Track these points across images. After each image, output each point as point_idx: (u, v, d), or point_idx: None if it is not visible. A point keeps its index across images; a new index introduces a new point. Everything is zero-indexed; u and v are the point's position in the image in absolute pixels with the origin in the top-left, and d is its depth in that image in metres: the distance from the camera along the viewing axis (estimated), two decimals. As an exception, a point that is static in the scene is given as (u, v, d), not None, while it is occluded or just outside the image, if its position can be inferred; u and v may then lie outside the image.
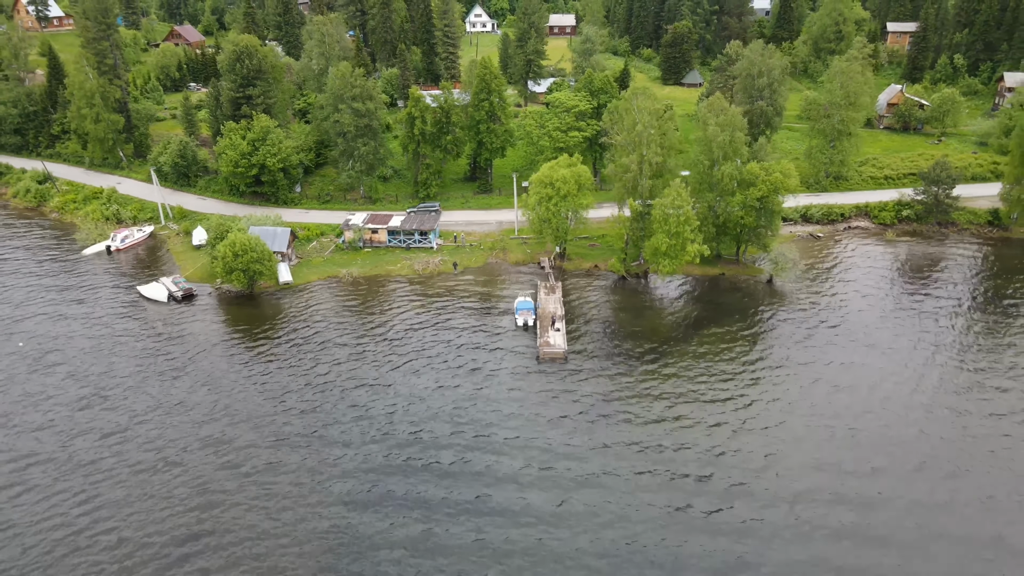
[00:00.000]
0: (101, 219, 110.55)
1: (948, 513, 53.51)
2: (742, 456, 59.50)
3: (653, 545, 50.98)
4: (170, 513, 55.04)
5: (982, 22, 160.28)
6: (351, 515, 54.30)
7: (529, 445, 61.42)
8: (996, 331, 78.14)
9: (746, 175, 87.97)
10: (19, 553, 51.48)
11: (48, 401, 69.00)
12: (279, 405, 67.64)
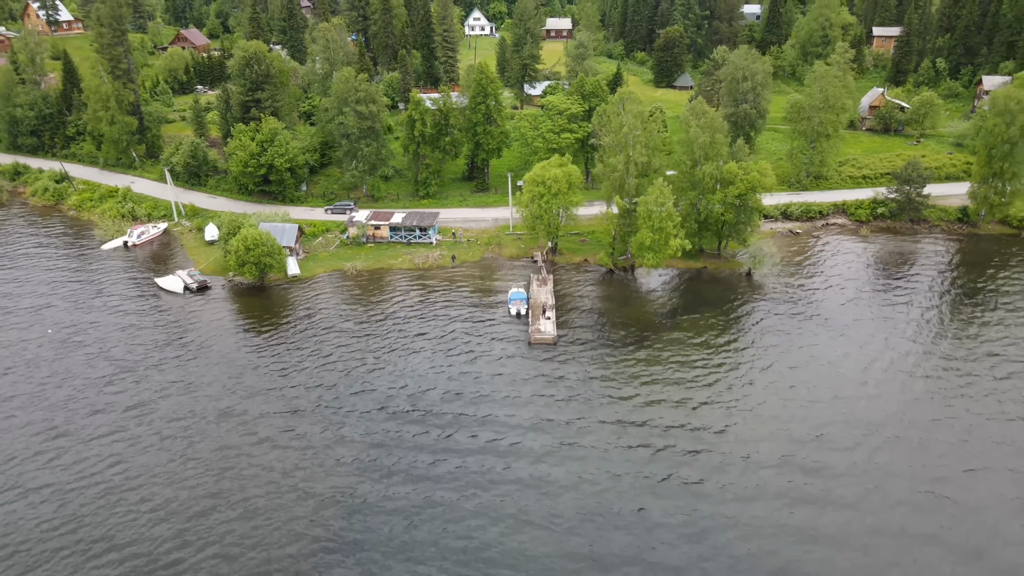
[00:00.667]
0: (117, 216, 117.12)
1: (887, 472, 59.79)
2: (708, 426, 65.82)
3: (621, 502, 57.29)
4: (193, 472, 61.55)
5: (963, 27, 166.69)
6: (353, 474, 60.59)
7: (516, 415, 67.75)
8: (960, 319, 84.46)
9: (726, 174, 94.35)
10: (58, 507, 57.83)
11: (76, 379, 75.51)
12: (288, 382, 74.08)
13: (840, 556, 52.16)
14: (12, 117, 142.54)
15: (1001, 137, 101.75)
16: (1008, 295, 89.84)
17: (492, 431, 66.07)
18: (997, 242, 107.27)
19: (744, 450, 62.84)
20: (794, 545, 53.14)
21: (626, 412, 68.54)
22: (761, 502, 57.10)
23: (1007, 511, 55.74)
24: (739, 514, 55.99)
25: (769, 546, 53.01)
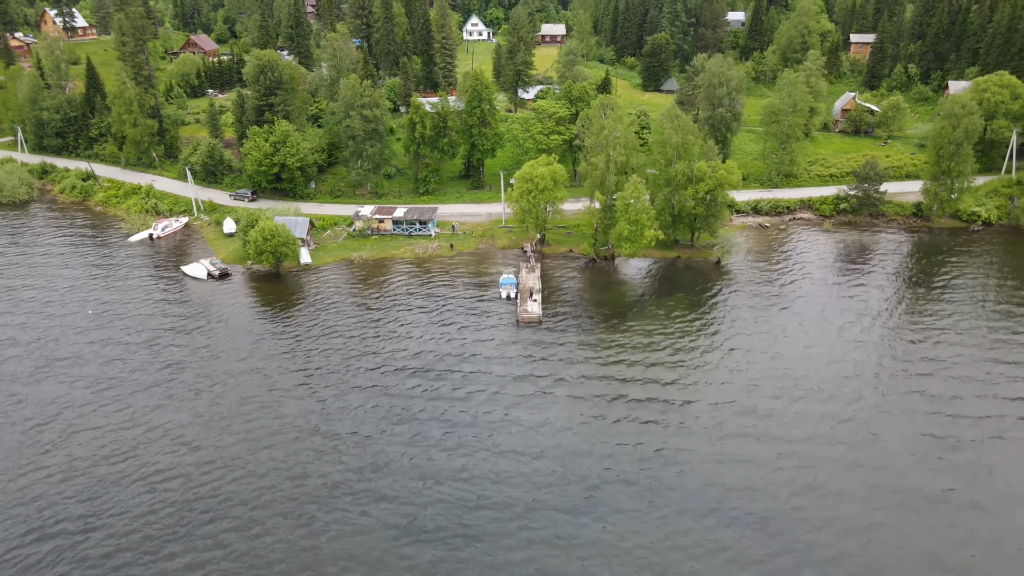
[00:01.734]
0: (142, 211, 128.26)
1: (829, 422, 70.82)
2: (674, 388, 76.84)
3: (586, 435, 68.27)
4: (222, 416, 72.76)
5: (933, 34, 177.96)
6: (358, 417, 71.52)
7: (502, 372, 78.80)
8: (909, 301, 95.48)
9: (696, 172, 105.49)
10: (112, 443, 68.71)
11: (117, 345, 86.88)
12: (301, 348, 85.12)
13: (756, 471, 63.02)
14: (39, 120, 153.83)
15: (948, 138, 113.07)
16: (954, 282, 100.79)
17: (478, 385, 77.41)
18: (947, 234, 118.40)
19: (694, 395, 74.38)
20: (720, 463, 64.02)
21: (597, 369, 79.68)
22: (699, 436, 68.05)
23: (891, 437, 66.63)
24: (684, 444, 67.08)
25: (703, 461, 63.94)
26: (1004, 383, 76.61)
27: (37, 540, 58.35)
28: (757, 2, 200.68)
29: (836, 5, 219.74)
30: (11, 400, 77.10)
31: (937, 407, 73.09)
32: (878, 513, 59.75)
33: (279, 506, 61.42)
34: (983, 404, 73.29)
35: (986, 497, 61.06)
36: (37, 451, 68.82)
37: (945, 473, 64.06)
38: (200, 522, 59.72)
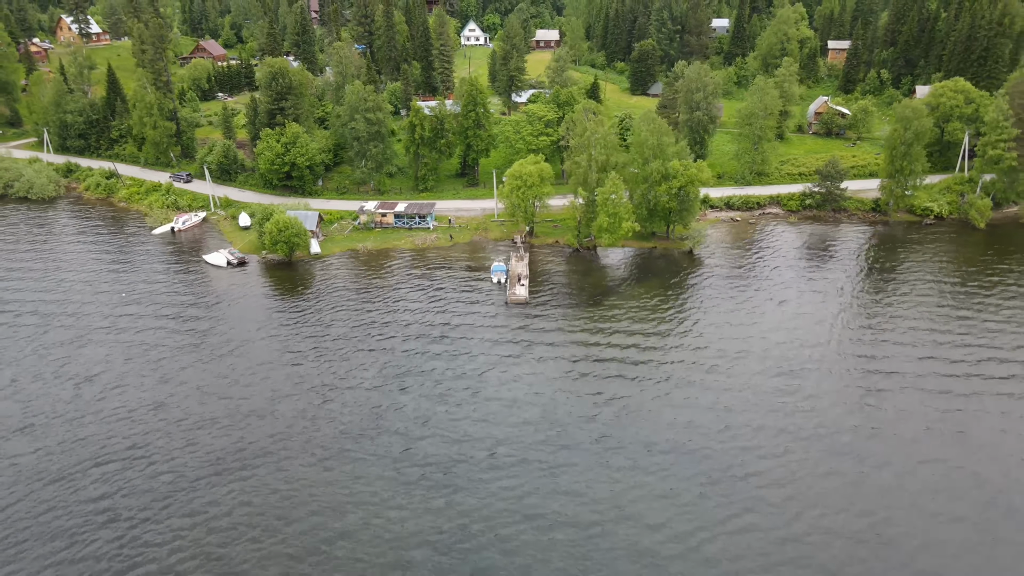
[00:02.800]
0: (163, 207, 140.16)
1: (773, 378, 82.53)
2: (641, 352, 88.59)
3: (563, 393, 79.98)
4: (244, 373, 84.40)
5: (904, 41, 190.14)
6: (364, 377, 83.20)
7: (490, 353, 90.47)
8: (866, 286, 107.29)
9: (670, 170, 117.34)
10: (140, 397, 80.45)
11: (147, 319, 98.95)
12: (311, 322, 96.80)
13: (695, 414, 74.72)
14: (63, 122, 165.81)
15: (900, 140, 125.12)
16: (907, 269, 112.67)
17: (469, 350, 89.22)
18: (902, 228, 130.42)
19: (659, 358, 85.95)
20: (667, 406, 75.75)
21: (575, 338, 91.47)
22: (650, 388, 79.77)
23: (825, 389, 78.36)
24: (637, 393, 78.71)
25: (650, 406, 75.61)
26: (942, 349, 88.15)
27: (96, 465, 70.06)
28: (740, 10, 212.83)
29: (816, 13, 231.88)
30: (61, 360, 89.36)
31: (875, 367, 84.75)
32: (794, 444, 71.42)
33: (299, 442, 72.98)
34: (915, 365, 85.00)
35: (887, 433, 72.82)
36: (89, 399, 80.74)
37: (856, 412, 75.80)
38: (230, 451, 71.39)
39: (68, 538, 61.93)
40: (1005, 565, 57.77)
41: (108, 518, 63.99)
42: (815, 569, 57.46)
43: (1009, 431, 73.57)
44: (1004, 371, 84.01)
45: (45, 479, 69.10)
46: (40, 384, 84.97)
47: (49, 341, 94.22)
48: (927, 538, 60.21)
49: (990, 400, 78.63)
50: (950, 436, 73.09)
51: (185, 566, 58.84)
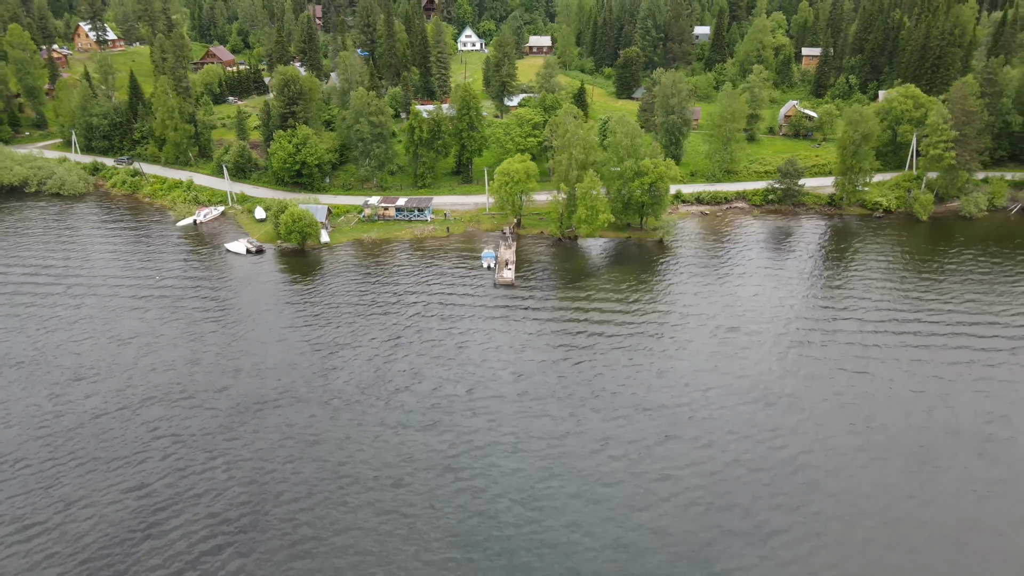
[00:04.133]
0: (186, 202, 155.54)
1: (731, 346, 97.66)
2: (612, 325, 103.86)
3: (540, 355, 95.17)
4: (262, 339, 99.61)
5: (870, 49, 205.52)
6: (366, 341, 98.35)
7: (478, 325, 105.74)
8: (820, 270, 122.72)
9: (641, 168, 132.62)
10: (176, 354, 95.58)
11: (177, 297, 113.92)
12: (321, 300, 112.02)
13: (656, 377, 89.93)
14: (88, 124, 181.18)
15: (850, 140, 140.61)
16: (856, 255, 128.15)
17: (460, 321, 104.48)
18: (854, 220, 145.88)
19: (628, 330, 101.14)
20: (631, 367, 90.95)
21: (555, 314, 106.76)
22: (633, 347, 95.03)
23: (777, 356, 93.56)
24: (607, 359, 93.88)
25: (618, 369, 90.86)
26: (890, 323, 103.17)
27: (143, 405, 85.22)
28: (719, 19, 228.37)
29: (792, 21, 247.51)
30: (105, 325, 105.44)
31: (823, 339, 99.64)
32: (743, 406, 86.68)
33: (312, 393, 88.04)
34: (862, 336, 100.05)
35: (827, 395, 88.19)
36: (132, 357, 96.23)
37: (799, 368, 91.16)
38: (255, 395, 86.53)
39: (127, 453, 77.09)
40: (873, 474, 73.09)
41: (156, 436, 79.21)
42: (716, 479, 72.79)
43: (896, 379, 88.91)
44: (912, 328, 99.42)
45: (103, 414, 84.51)
46: (90, 344, 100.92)
47: (90, 313, 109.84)
48: (823, 460, 75.47)
49: (891, 351, 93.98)
50: (853, 376, 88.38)
51: (226, 473, 74.05)
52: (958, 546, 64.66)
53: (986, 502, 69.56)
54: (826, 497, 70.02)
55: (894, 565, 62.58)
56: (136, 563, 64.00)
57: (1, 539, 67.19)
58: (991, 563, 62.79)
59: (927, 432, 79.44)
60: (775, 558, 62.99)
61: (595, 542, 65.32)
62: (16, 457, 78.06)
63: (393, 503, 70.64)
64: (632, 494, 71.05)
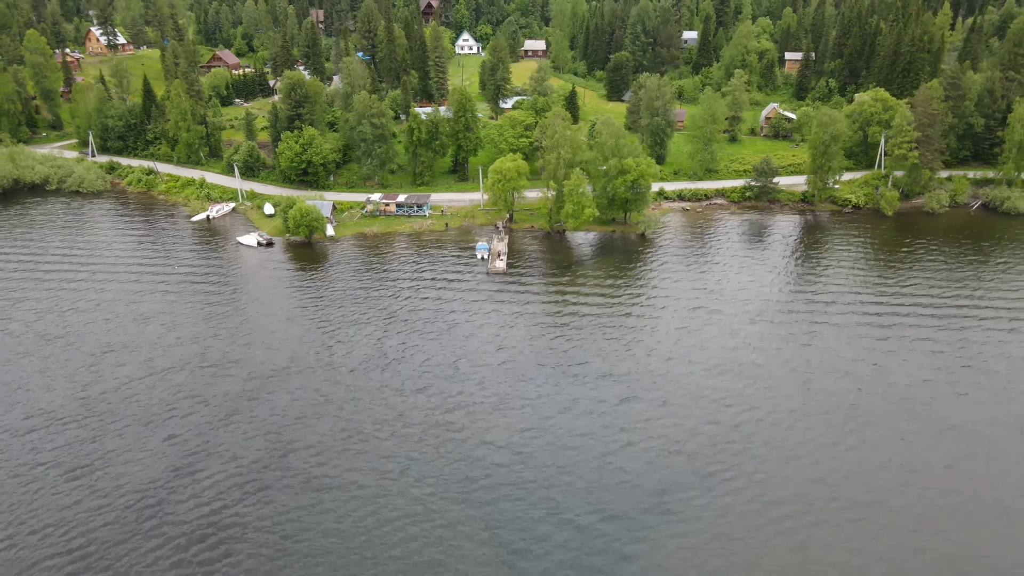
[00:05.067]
0: (199, 199, 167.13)
1: (707, 325, 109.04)
2: (597, 308, 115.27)
3: (529, 336, 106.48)
4: (275, 316, 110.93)
5: (848, 54, 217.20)
6: (367, 321, 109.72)
7: (470, 308, 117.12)
8: (794, 262, 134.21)
9: (624, 166, 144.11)
10: (197, 329, 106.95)
11: (196, 283, 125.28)
12: (327, 285, 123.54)
13: (632, 352, 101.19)
14: (104, 126, 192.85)
15: (820, 140, 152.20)
16: (828, 248, 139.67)
17: (454, 307, 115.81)
18: (826, 215, 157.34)
19: (611, 312, 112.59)
20: (613, 346, 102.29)
21: (543, 299, 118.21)
22: (614, 327, 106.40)
23: (756, 334, 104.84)
24: (591, 336, 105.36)
25: (599, 345, 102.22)
26: (849, 305, 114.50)
27: (170, 372, 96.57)
28: (706, 25, 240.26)
29: (776, 27, 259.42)
30: (128, 306, 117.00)
31: (783, 318, 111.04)
32: (700, 372, 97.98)
33: (319, 363, 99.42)
34: (842, 323, 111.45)
35: (794, 367, 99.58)
36: (155, 333, 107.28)
37: (758, 342, 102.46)
38: (269, 364, 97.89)
39: (158, 411, 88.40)
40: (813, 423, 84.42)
41: (182, 397, 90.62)
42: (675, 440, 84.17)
43: (843, 351, 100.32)
44: (870, 310, 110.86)
45: (134, 380, 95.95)
46: (116, 322, 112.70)
47: (114, 296, 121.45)
48: (765, 415, 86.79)
49: (846, 329, 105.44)
50: (804, 349, 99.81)
51: (249, 426, 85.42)
52: (874, 481, 76.09)
53: (902, 448, 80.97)
54: (763, 445, 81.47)
55: (817, 494, 73.87)
56: (171, 497, 75.32)
57: (52, 480, 78.56)
58: (903, 494, 74.04)
59: (861, 394, 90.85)
60: (715, 490, 74.44)
61: (568, 477, 76.82)
62: (61, 415, 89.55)
63: (389, 450, 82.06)
64: (597, 442, 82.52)
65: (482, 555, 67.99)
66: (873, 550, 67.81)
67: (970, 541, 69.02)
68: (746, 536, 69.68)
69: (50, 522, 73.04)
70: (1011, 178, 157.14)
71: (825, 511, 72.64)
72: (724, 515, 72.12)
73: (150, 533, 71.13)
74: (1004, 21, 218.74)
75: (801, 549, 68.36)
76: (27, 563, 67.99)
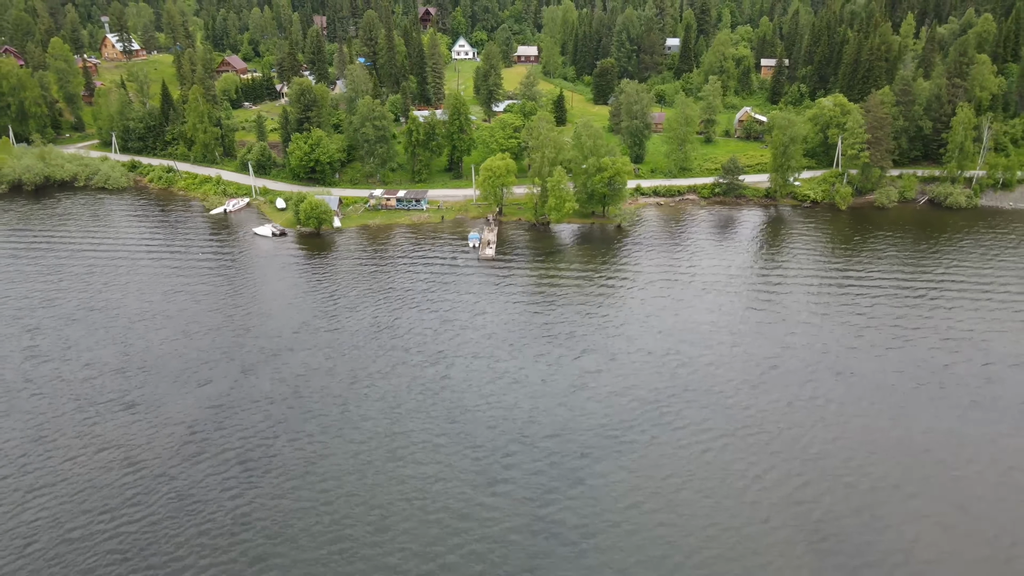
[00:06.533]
0: (216, 194, 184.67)
1: (677, 303, 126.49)
2: (576, 290, 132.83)
3: (515, 313, 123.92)
4: (288, 295, 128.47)
5: (818, 61, 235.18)
6: (369, 301, 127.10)
7: (463, 291, 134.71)
8: (756, 249, 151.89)
9: (601, 164, 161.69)
10: (215, 306, 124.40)
11: (217, 266, 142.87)
12: (334, 269, 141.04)
13: (610, 330, 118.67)
14: (126, 127, 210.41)
15: (780, 142, 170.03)
16: (788, 238, 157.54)
17: (449, 289, 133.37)
18: (787, 210, 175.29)
19: (591, 293, 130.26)
20: (587, 319, 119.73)
21: (529, 281, 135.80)
22: (591, 305, 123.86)
23: (724, 311, 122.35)
24: (572, 316, 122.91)
25: (580, 326, 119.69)
26: (804, 284, 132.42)
27: (190, 336, 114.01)
28: (687, 33, 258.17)
29: (754, 35, 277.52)
30: (157, 284, 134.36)
31: (775, 304, 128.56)
32: (661, 336, 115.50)
33: (329, 332, 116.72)
34: (788, 299, 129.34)
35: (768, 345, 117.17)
36: (184, 304, 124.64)
37: (715, 314, 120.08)
38: (282, 334, 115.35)
39: (196, 364, 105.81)
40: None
41: (214, 352, 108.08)
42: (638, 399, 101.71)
43: (788, 320, 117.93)
44: (819, 288, 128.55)
45: (172, 340, 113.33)
46: (148, 296, 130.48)
47: (143, 277, 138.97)
48: (713, 371, 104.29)
49: (795, 303, 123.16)
50: (748, 318, 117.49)
51: (277, 376, 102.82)
52: (776, 411, 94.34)
53: (807, 389, 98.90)
54: (704, 392, 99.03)
55: (732, 421, 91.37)
56: (211, 434, 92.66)
57: (113, 414, 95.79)
58: (799, 422, 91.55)
59: (785, 350, 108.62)
60: (656, 421, 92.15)
61: (542, 405, 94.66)
62: (112, 367, 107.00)
63: (388, 390, 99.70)
64: (558, 387, 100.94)
65: (466, 464, 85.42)
66: (767, 461, 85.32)
67: (839, 450, 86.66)
68: (676, 452, 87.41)
69: (109, 443, 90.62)
70: (954, 176, 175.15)
71: (736, 435, 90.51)
72: (656, 438, 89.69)
73: (195, 458, 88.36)
74: (963, 29, 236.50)
75: (717, 458, 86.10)
76: (86, 476, 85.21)
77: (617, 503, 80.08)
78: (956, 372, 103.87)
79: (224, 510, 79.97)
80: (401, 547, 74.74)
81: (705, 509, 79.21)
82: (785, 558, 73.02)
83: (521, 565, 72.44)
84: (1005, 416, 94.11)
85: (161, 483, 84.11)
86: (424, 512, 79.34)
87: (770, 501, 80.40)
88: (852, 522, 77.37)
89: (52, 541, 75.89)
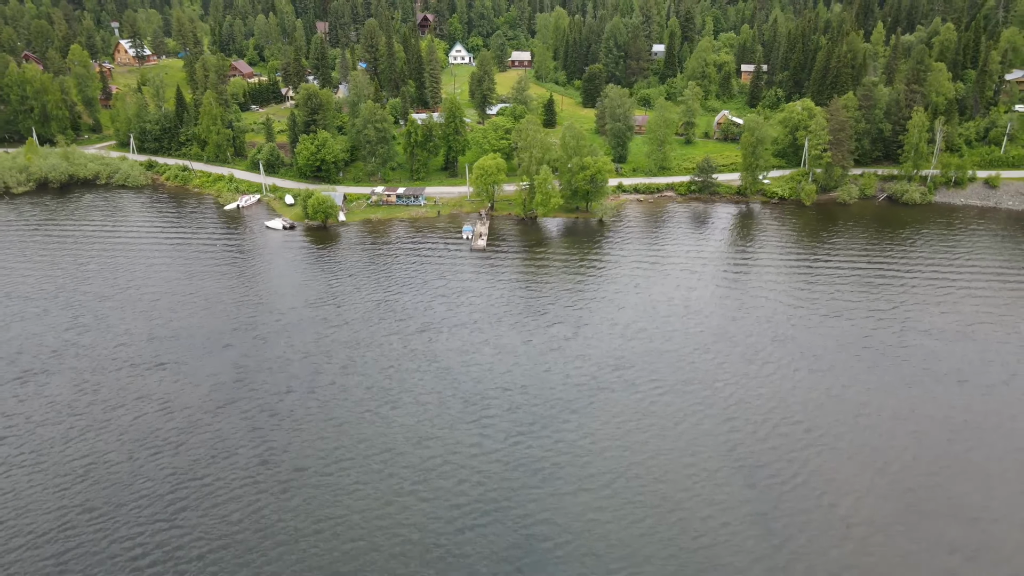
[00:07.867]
0: (229, 191, 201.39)
1: (650, 290, 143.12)
2: (561, 278, 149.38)
3: (504, 298, 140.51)
4: (297, 281, 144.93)
5: (794, 67, 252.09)
6: (370, 287, 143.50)
7: (456, 277, 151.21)
8: (728, 241, 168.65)
9: (584, 163, 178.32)
10: (228, 290, 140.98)
11: (232, 256, 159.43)
12: (338, 259, 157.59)
13: (593, 316, 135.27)
14: (143, 129, 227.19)
15: (749, 143, 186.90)
16: (757, 230, 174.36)
17: (442, 276, 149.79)
18: (756, 206, 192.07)
19: (573, 279, 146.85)
20: (570, 298, 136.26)
21: (516, 270, 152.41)
22: (573, 292, 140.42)
23: (698, 298, 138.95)
24: (558, 300, 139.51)
25: (565, 298, 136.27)
26: (773, 273, 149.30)
27: (209, 310, 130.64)
28: (671, 40, 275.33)
29: (735, 41, 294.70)
30: (176, 270, 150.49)
31: (734, 285, 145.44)
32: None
33: (335, 313, 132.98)
34: (750, 283, 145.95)
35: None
36: (204, 284, 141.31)
37: (690, 292, 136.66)
38: (292, 314, 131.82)
39: (226, 330, 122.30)
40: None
41: (233, 324, 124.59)
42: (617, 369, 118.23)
43: (751, 301, 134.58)
44: (783, 272, 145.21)
45: (201, 311, 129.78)
46: (169, 277, 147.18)
47: (163, 264, 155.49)
48: (683, 342, 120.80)
49: (761, 283, 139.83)
50: (712, 296, 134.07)
51: (289, 346, 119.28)
52: (717, 368, 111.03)
53: (747, 354, 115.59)
54: (658, 354, 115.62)
55: (675, 376, 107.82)
56: (233, 387, 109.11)
57: (144, 377, 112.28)
58: (755, 390, 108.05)
59: (733, 321, 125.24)
60: (623, 379, 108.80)
61: (524, 371, 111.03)
62: (143, 336, 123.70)
63: (388, 354, 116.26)
64: (533, 350, 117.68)
65: (456, 409, 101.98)
66: (702, 407, 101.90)
67: (764, 400, 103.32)
68: (628, 399, 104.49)
69: (143, 394, 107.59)
70: (910, 174, 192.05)
71: (679, 387, 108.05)
72: (613, 390, 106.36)
73: (220, 411, 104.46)
74: (930, 37, 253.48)
75: (661, 406, 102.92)
76: (128, 423, 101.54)
77: (578, 440, 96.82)
78: (876, 338, 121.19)
79: (251, 444, 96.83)
80: (401, 468, 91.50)
81: (650, 444, 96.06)
82: (711, 480, 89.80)
83: (500, 477, 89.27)
84: (908, 372, 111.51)
85: (194, 424, 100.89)
86: (420, 443, 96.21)
87: (701, 436, 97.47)
88: (763, 449, 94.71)
89: (104, 472, 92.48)
